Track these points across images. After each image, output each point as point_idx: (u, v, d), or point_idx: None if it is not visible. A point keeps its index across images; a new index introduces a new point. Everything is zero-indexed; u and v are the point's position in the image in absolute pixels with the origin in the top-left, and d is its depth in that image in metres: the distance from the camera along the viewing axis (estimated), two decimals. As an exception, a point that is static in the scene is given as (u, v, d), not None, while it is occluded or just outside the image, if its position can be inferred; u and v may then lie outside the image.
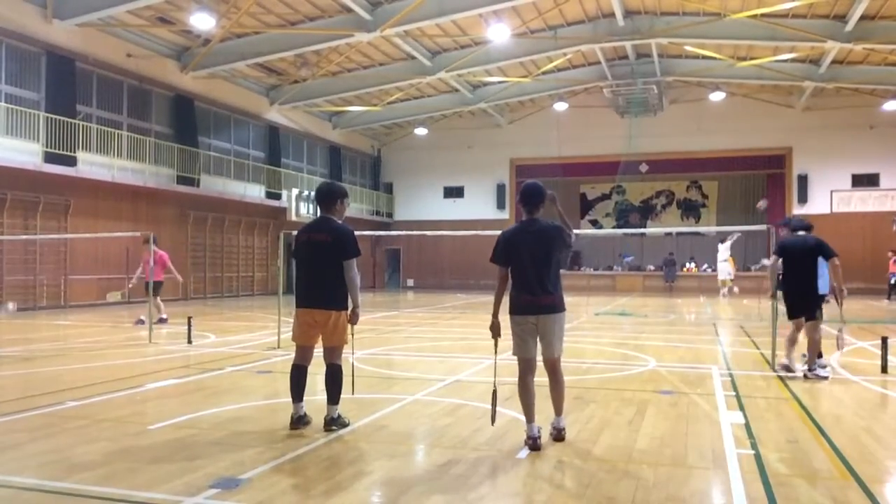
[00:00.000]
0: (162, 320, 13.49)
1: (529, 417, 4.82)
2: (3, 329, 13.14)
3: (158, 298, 13.53)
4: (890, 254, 23.79)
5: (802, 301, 7.71)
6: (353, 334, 5.44)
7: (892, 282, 23.25)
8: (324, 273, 5.24)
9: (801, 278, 7.67)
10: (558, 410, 5.03)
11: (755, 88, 28.80)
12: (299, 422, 5.27)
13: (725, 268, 23.67)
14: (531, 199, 4.97)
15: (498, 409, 5.77)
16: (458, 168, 33.56)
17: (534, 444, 4.72)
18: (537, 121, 31.91)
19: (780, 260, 7.84)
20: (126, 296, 13.68)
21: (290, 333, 5.51)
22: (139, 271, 13.73)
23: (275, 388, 7.17)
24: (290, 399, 5.32)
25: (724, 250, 23.61)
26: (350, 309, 5.28)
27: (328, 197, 5.44)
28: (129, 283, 14.05)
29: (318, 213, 5.53)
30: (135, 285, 13.93)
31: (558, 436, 4.94)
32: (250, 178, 25.32)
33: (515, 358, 5.00)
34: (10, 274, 17.12)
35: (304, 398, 5.35)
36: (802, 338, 7.80)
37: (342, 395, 5.32)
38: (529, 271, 4.86)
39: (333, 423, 5.23)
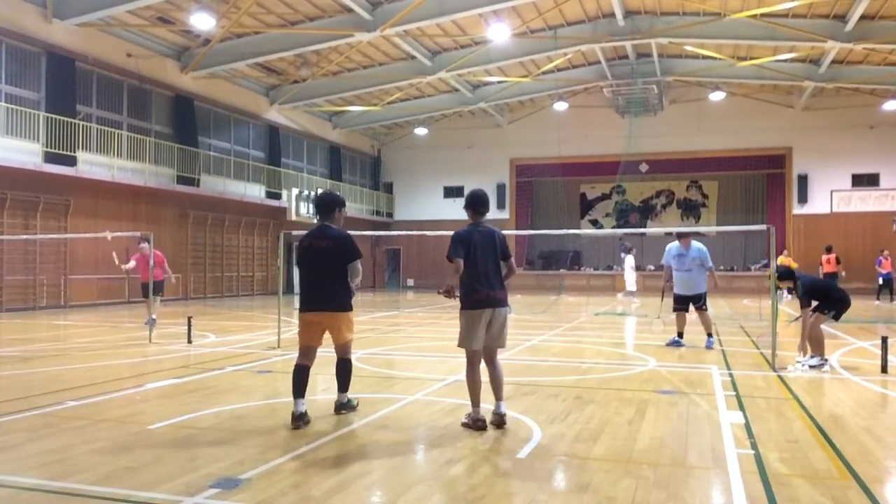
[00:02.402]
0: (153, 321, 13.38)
1: (475, 403, 5.27)
2: (3, 329, 13.15)
3: (157, 299, 13.46)
4: (886, 252, 23.70)
5: None
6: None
7: (881, 281, 23.20)
8: (327, 277, 5.55)
9: None
10: (499, 397, 5.33)
11: (755, 88, 28.81)
12: (300, 419, 5.31)
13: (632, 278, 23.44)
14: (483, 206, 5.61)
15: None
16: (458, 168, 33.56)
17: (483, 426, 5.16)
18: (537, 121, 31.91)
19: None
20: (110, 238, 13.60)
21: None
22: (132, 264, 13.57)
23: (275, 387, 7.17)
24: (292, 397, 5.40)
25: (630, 260, 23.40)
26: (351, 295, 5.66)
27: (328, 206, 5.74)
28: (125, 265, 13.79)
29: (318, 220, 5.81)
30: (128, 269, 13.70)
31: (500, 421, 5.22)
32: (250, 178, 25.32)
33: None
34: (10, 274, 17.12)
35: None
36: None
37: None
38: (484, 267, 5.33)
39: (343, 407, 5.70)
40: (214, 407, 6.02)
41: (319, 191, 27.20)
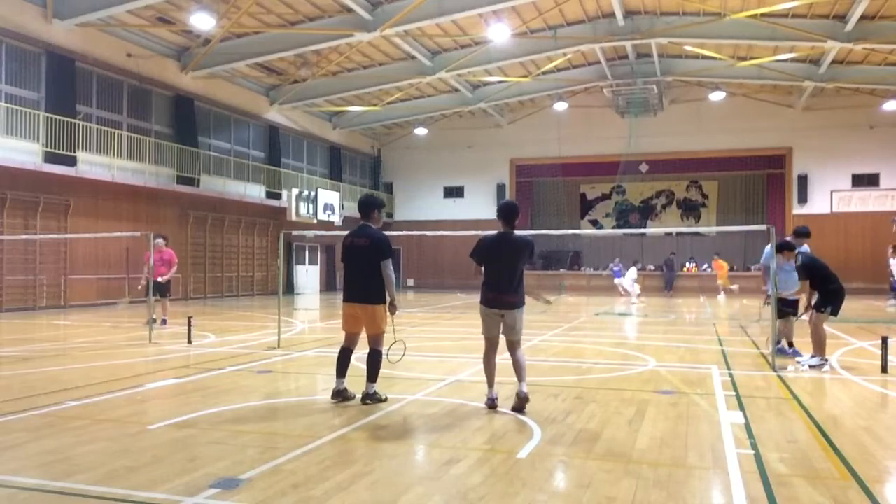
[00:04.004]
0: (164, 321, 13.44)
1: (489, 384, 5.99)
2: (3, 329, 13.15)
3: (165, 298, 13.67)
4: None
5: None
6: (392, 323, 6.31)
7: None
8: (363, 273, 6.12)
9: None
10: (520, 379, 5.86)
11: (755, 88, 28.80)
12: (339, 395, 6.13)
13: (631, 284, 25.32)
14: (511, 216, 6.07)
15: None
16: (458, 168, 33.57)
17: (491, 405, 5.86)
18: (537, 121, 31.92)
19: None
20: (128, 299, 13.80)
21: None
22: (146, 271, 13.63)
23: (275, 387, 7.18)
24: (335, 375, 6.22)
25: (633, 272, 25.25)
26: (388, 302, 6.15)
27: (366, 207, 6.36)
28: (139, 286, 14.01)
29: (360, 221, 6.39)
30: (143, 286, 13.85)
31: (521, 401, 5.75)
32: (250, 178, 25.32)
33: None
34: (10, 274, 17.12)
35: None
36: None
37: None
38: (500, 274, 5.92)
39: (369, 397, 6.06)
40: (214, 407, 6.02)
41: (319, 191, 27.35)
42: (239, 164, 24.93)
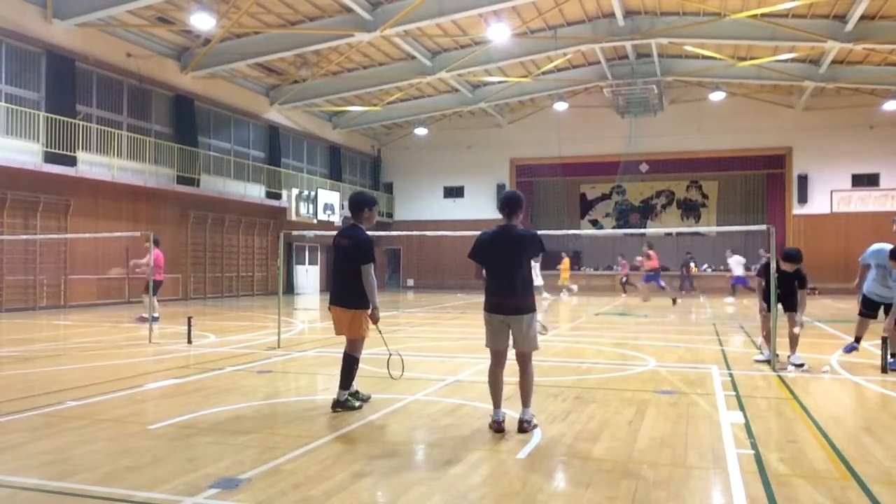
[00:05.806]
0: (155, 319, 13.51)
1: (496, 404, 5.22)
2: (3, 329, 13.15)
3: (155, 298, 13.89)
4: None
5: None
6: (380, 331, 6.06)
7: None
8: (345, 275, 5.86)
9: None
10: (525, 403, 5.25)
11: (755, 88, 28.80)
12: (351, 396, 5.97)
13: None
14: (513, 208, 5.27)
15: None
16: (458, 168, 33.57)
17: (498, 428, 5.09)
18: (537, 121, 31.91)
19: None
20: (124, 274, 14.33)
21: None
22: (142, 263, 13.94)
23: (275, 388, 7.17)
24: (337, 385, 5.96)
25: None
26: (370, 309, 5.87)
27: (355, 206, 5.99)
28: (129, 272, 14.57)
29: (350, 220, 6.10)
30: (130, 273, 14.23)
31: (522, 428, 5.13)
32: (250, 178, 25.33)
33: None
34: (10, 274, 17.12)
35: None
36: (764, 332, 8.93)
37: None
38: (501, 274, 5.24)
39: (339, 405, 5.78)
40: (214, 407, 6.02)
41: (319, 191, 27.36)
42: (239, 164, 24.93)
